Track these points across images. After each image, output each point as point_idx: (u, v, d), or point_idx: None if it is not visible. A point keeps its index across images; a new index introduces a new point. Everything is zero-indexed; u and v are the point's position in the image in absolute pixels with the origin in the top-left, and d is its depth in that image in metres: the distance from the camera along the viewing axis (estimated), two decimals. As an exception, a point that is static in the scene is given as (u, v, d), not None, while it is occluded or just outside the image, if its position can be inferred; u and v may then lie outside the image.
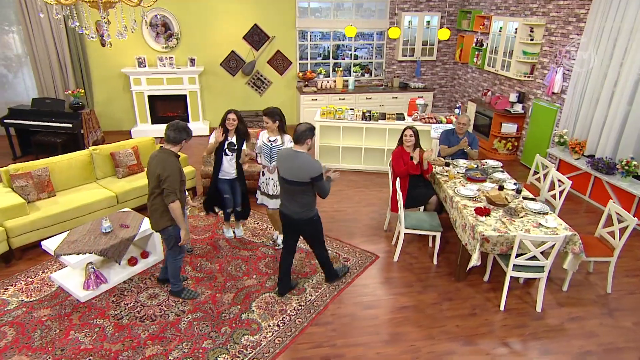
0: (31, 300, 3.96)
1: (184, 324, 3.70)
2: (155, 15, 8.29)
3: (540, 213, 4.14)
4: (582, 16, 6.25)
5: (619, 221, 4.13)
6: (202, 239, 5.02)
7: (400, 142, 4.96)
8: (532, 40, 7.19)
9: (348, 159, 7.16)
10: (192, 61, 8.49)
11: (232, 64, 8.95)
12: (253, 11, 8.64)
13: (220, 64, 8.90)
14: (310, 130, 3.66)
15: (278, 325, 3.70)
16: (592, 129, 6.11)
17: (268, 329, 3.66)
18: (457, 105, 6.98)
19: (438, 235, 4.52)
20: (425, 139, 6.39)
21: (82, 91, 7.34)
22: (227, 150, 4.48)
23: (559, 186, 4.91)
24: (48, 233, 4.65)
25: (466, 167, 5.14)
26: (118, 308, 3.87)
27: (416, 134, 4.89)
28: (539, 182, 5.38)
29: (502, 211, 4.14)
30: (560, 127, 6.70)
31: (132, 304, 3.93)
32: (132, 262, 4.38)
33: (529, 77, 7.42)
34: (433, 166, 5.18)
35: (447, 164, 5.23)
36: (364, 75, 9.68)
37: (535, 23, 7.04)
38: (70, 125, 6.97)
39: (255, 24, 8.73)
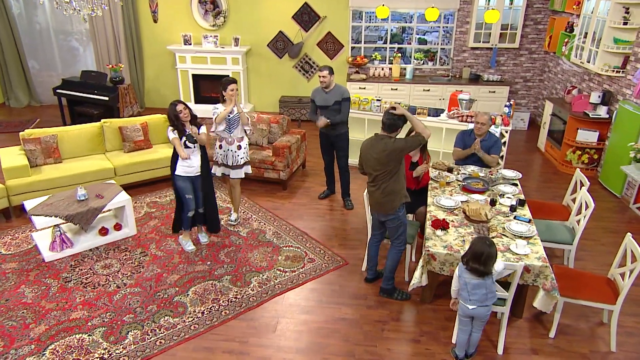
0: (7, 253, 4.90)
1: (119, 296, 4.27)
2: (205, -8, 9.18)
3: (522, 237, 3.85)
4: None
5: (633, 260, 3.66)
6: (181, 220, 5.59)
7: None
8: (625, 24, 6.41)
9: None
10: (236, 41, 9.20)
11: (280, 45, 9.48)
12: (304, -12, 9.04)
13: (267, 45, 9.49)
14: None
15: (203, 313, 4.08)
16: (671, 144, 5.31)
17: (191, 315, 4.05)
18: (507, 104, 6.53)
19: (407, 247, 4.45)
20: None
21: (121, 66, 8.51)
22: (187, 143, 4.51)
23: (585, 209, 4.46)
24: (46, 195, 5.62)
25: (468, 174, 4.91)
26: (72, 272, 4.60)
27: None
28: (575, 203, 4.90)
29: (473, 228, 3.95)
30: None
31: (85, 270, 4.63)
32: (103, 232, 5.12)
33: (618, 72, 6.63)
34: (430, 174, 5.03)
35: (450, 170, 5.05)
36: (426, 64, 9.46)
37: (633, 1, 6.22)
38: (106, 98, 8.14)
39: (305, 3, 9.12)
